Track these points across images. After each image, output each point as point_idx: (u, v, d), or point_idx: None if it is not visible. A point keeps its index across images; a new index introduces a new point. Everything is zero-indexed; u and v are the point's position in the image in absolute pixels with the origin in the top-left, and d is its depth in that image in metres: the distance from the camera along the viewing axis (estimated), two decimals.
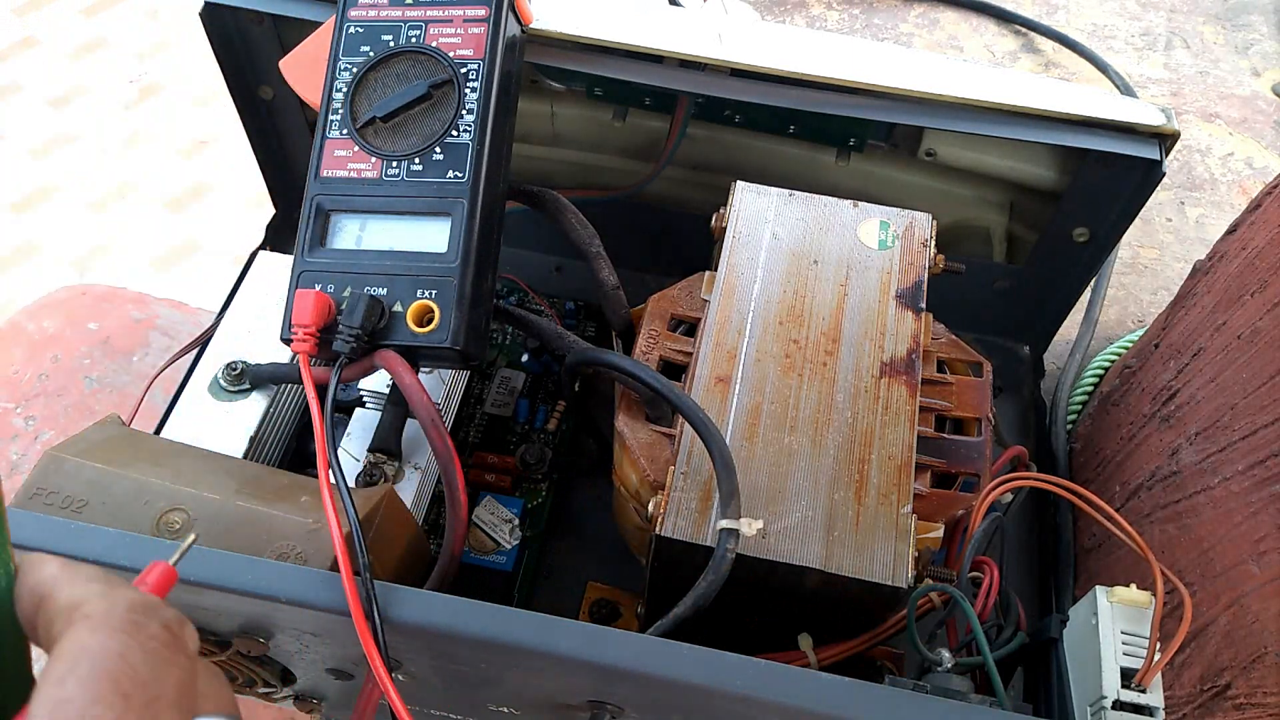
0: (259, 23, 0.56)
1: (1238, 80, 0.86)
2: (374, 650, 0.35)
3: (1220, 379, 0.48)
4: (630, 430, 0.46)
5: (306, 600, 0.35)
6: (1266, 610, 0.41)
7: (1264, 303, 0.45)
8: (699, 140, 0.61)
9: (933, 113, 0.52)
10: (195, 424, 0.50)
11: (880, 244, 0.51)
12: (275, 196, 0.67)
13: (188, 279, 1.54)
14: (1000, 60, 0.87)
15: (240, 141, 0.63)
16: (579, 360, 0.48)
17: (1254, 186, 0.79)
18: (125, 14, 1.88)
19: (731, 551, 0.39)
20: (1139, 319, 0.72)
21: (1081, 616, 0.41)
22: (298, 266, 0.46)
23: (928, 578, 0.43)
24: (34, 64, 1.80)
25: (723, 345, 0.47)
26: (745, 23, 0.60)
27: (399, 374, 0.43)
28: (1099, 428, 0.60)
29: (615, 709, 0.39)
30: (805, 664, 0.43)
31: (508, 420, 0.59)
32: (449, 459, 0.43)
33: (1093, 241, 0.58)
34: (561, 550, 0.56)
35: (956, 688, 0.39)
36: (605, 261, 0.51)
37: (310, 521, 0.41)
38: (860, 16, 0.90)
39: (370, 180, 0.46)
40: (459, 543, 0.44)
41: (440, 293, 0.44)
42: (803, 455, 0.43)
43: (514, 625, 0.35)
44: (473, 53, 0.47)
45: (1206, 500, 0.47)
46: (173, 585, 0.29)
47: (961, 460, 0.46)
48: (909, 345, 0.47)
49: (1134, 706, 0.38)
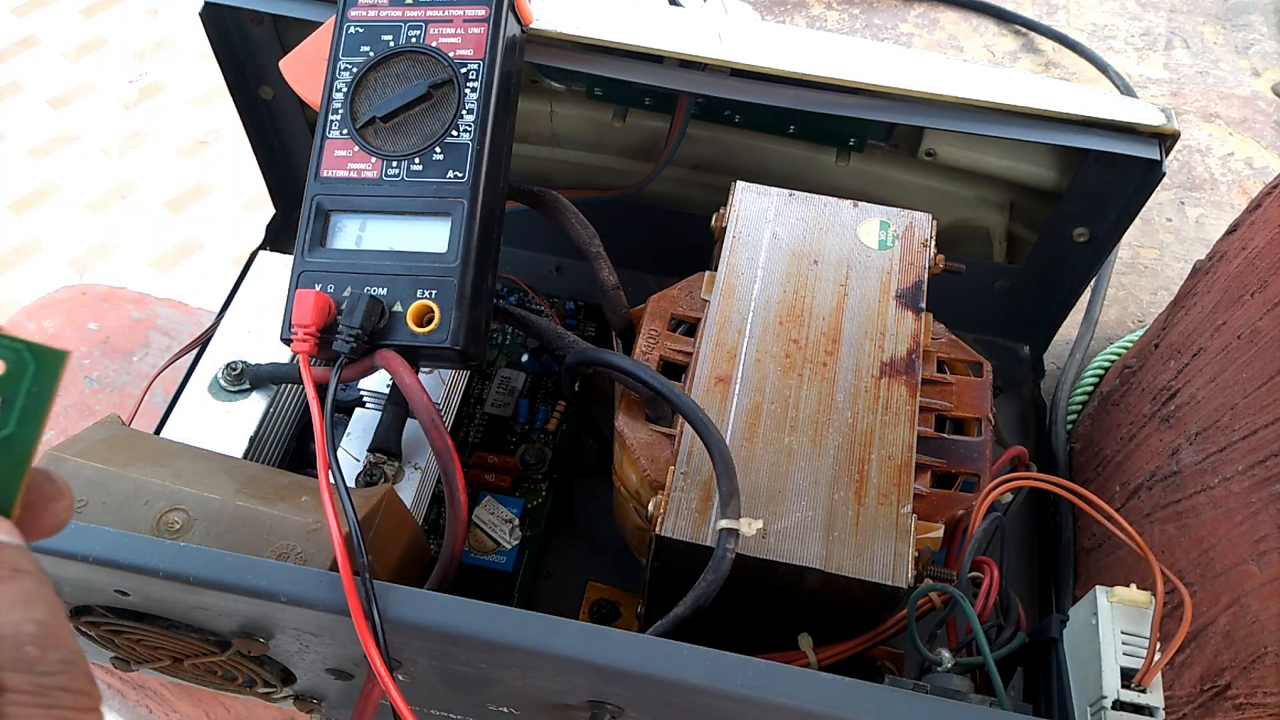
0: (259, 23, 0.56)
1: (1238, 80, 0.86)
2: (374, 650, 0.35)
3: (1220, 379, 0.48)
4: (630, 430, 0.46)
5: (306, 600, 0.35)
6: (1266, 610, 0.41)
7: (1264, 303, 0.45)
8: (699, 140, 0.61)
9: (933, 113, 0.52)
10: (195, 424, 0.50)
11: (880, 244, 0.51)
12: (275, 196, 0.67)
13: (188, 279, 1.54)
14: (1000, 60, 0.87)
15: (240, 141, 0.63)
16: (579, 360, 0.48)
17: (1254, 186, 0.79)
18: (125, 14, 1.88)
19: (731, 551, 0.39)
20: (1139, 319, 0.72)
21: (1081, 616, 0.41)
22: (298, 266, 0.46)
23: (928, 578, 0.43)
24: (34, 64, 1.80)
25: (723, 345, 0.47)
26: (745, 23, 0.60)
27: (399, 374, 0.43)
28: (1099, 428, 0.60)
29: (615, 709, 0.39)
30: (805, 664, 0.43)
31: (508, 420, 0.59)
32: (449, 459, 0.43)
33: (1093, 241, 0.58)
34: (561, 550, 0.56)
35: (956, 688, 0.39)
36: (605, 261, 0.51)
37: (310, 521, 0.41)
38: (860, 16, 0.90)
39: (370, 180, 0.46)
40: (459, 543, 0.44)
41: (440, 293, 0.44)
42: (803, 455, 0.43)
43: (514, 625, 0.35)
44: (473, 53, 0.47)
45: (1206, 500, 0.47)
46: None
47: (961, 460, 0.46)
48: (909, 345, 0.47)
49: (1134, 706, 0.38)
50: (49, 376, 0.26)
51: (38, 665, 0.23)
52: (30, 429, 0.26)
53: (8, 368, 0.25)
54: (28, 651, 0.23)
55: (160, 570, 0.35)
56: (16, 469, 0.26)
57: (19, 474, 0.26)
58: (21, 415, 0.26)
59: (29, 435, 0.26)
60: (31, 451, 0.26)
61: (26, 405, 0.26)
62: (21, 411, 0.26)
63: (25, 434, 0.26)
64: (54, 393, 0.26)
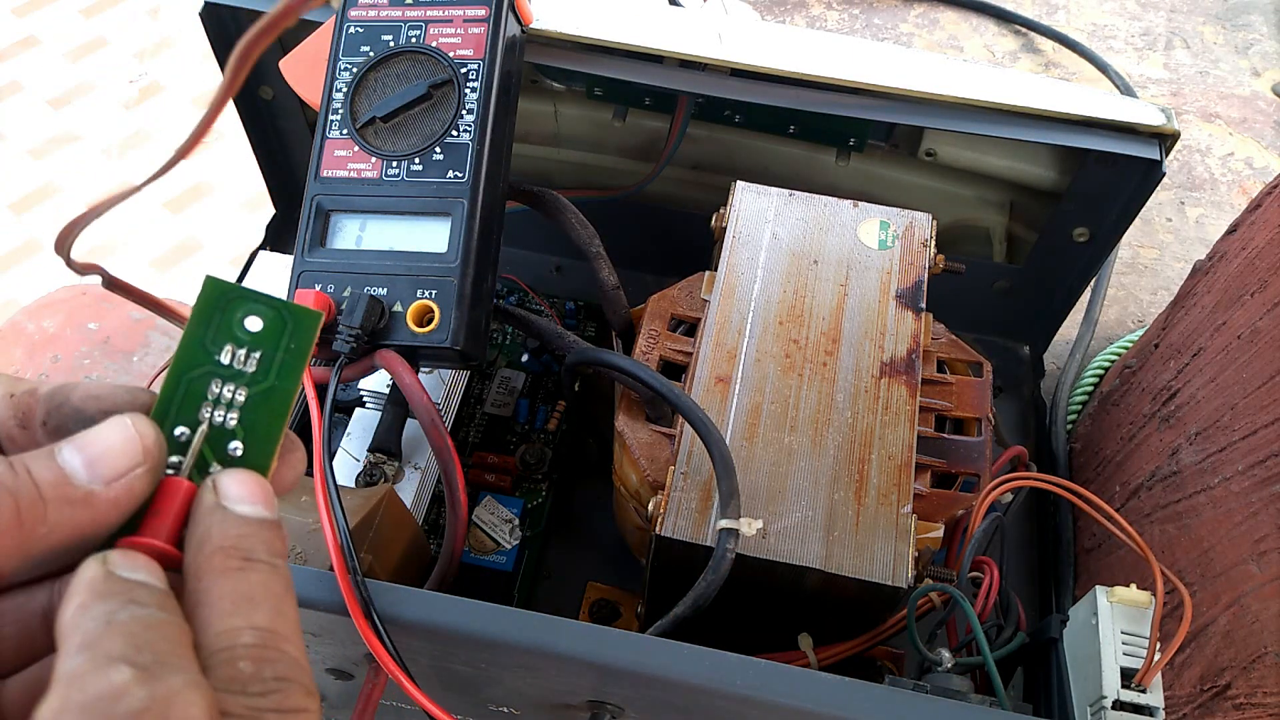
0: None
1: (1238, 80, 0.86)
2: (379, 646, 0.35)
3: (1220, 379, 0.48)
4: (630, 430, 0.46)
5: (306, 600, 0.35)
6: (1266, 610, 0.41)
7: (1264, 303, 0.45)
8: (699, 140, 0.61)
9: (933, 113, 0.52)
10: None
11: (880, 244, 0.51)
12: (275, 196, 0.67)
13: (188, 279, 1.54)
14: (1000, 60, 0.87)
15: (240, 141, 0.63)
16: (579, 360, 0.48)
17: (1254, 186, 0.79)
18: (125, 14, 1.88)
19: (731, 551, 0.39)
20: (1139, 319, 0.72)
21: (1081, 616, 0.41)
22: (298, 266, 0.46)
23: (928, 578, 0.43)
24: (34, 64, 1.80)
25: (723, 345, 0.47)
26: (745, 23, 0.60)
27: (399, 374, 0.43)
28: (1099, 428, 0.60)
29: (615, 709, 0.39)
30: (805, 664, 0.43)
31: (508, 420, 0.59)
32: (449, 459, 0.43)
33: (1093, 241, 0.58)
34: (561, 550, 0.56)
35: (956, 688, 0.39)
36: (605, 261, 0.51)
37: (310, 521, 0.41)
38: (860, 16, 0.90)
39: (370, 180, 0.46)
40: (459, 543, 0.44)
41: (440, 293, 0.44)
42: (803, 455, 0.43)
43: (514, 625, 0.35)
44: (473, 53, 0.47)
45: (1206, 500, 0.47)
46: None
47: (961, 460, 0.46)
48: (909, 345, 0.47)
49: (1134, 706, 0.38)
50: (306, 335, 0.27)
51: (250, 686, 0.21)
52: (289, 382, 0.26)
53: (265, 325, 0.26)
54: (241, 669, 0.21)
55: None
56: (275, 423, 0.26)
57: (278, 428, 0.26)
58: (280, 370, 0.26)
59: (288, 389, 0.26)
60: (289, 407, 0.26)
61: (286, 360, 0.26)
62: (281, 366, 0.26)
63: (284, 387, 0.26)
64: (310, 350, 0.27)
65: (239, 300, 0.26)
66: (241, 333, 0.26)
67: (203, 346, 0.26)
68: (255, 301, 0.26)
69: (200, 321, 0.26)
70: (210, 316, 0.26)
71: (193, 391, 0.26)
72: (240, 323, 0.26)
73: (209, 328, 0.26)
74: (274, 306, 0.26)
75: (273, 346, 0.26)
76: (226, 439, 0.26)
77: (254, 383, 0.26)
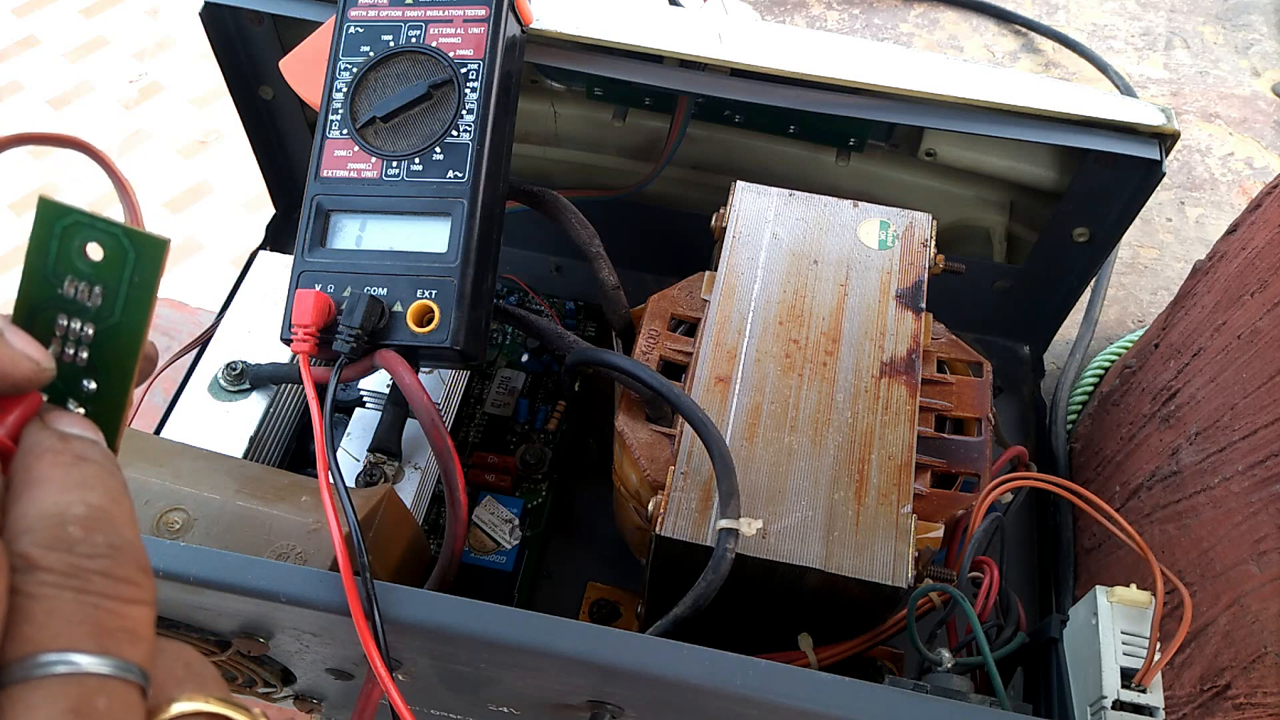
0: (259, 23, 0.56)
1: (1238, 80, 0.86)
2: (374, 650, 0.35)
3: (1220, 379, 0.48)
4: (630, 430, 0.46)
5: (306, 600, 0.35)
6: (1266, 610, 0.41)
7: (1264, 303, 0.45)
8: (699, 140, 0.61)
9: (933, 113, 0.52)
10: (195, 424, 0.50)
11: (880, 244, 0.51)
12: (275, 196, 0.67)
13: (188, 279, 1.54)
14: (1000, 60, 0.87)
15: (240, 141, 0.63)
16: (579, 360, 0.48)
17: (1254, 186, 0.79)
18: (125, 14, 1.88)
19: (731, 551, 0.39)
20: (1139, 319, 0.72)
21: (1081, 616, 0.41)
22: (298, 266, 0.46)
23: (928, 578, 0.43)
24: (34, 64, 1.80)
25: (723, 345, 0.47)
26: (745, 23, 0.60)
27: (399, 374, 0.43)
28: (1099, 428, 0.60)
29: (615, 709, 0.39)
30: (805, 664, 0.43)
31: (508, 420, 0.59)
32: (449, 459, 0.43)
33: (1093, 241, 0.58)
34: (561, 550, 0.56)
35: (956, 688, 0.39)
36: (605, 261, 0.51)
37: (310, 521, 0.41)
38: (860, 16, 0.90)
39: (370, 180, 0.46)
40: (459, 543, 0.44)
41: (440, 293, 0.44)
42: (803, 455, 0.43)
43: (514, 625, 0.35)
44: (473, 53, 0.47)
45: (1206, 500, 0.47)
46: None
47: (961, 460, 0.46)
48: (909, 345, 0.47)
49: (1134, 706, 0.38)
50: (151, 266, 0.25)
51: (77, 546, 0.21)
52: (137, 316, 0.25)
53: (105, 254, 0.25)
54: (69, 531, 0.21)
55: (160, 570, 0.35)
56: (127, 361, 0.25)
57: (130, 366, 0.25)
58: (126, 304, 0.25)
59: (136, 326, 0.25)
60: (140, 344, 0.25)
61: (130, 294, 0.25)
62: (126, 300, 0.25)
63: (132, 321, 0.25)
64: (157, 281, 0.25)
65: (75, 225, 0.24)
66: (82, 263, 0.25)
67: (45, 279, 0.25)
68: (92, 228, 0.24)
69: (38, 250, 0.24)
70: (48, 243, 0.24)
71: (42, 322, 0.25)
72: (80, 251, 0.24)
73: (49, 256, 0.24)
74: (113, 233, 0.24)
75: (116, 278, 0.25)
76: (80, 376, 0.25)
77: (100, 319, 0.25)
